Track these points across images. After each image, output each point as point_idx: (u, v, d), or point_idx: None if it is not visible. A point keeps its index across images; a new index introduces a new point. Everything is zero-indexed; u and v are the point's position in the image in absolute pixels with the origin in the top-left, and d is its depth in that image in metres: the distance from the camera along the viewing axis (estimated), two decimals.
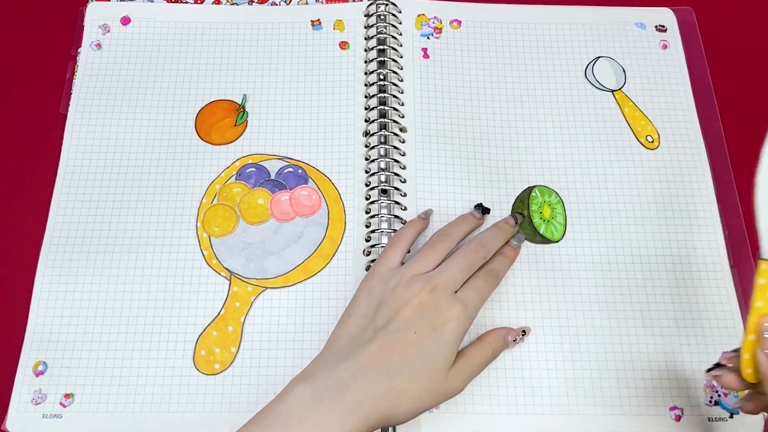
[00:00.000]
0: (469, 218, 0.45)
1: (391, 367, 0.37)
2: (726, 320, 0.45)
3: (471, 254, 0.42)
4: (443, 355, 0.38)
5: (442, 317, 0.38)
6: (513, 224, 0.45)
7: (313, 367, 0.38)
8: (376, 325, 0.38)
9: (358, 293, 0.41)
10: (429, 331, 0.38)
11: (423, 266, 0.41)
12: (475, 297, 0.40)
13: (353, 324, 0.39)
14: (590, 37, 0.55)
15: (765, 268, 0.35)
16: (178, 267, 0.46)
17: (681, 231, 0.48)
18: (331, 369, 0.37)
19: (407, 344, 0.37)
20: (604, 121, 0.52)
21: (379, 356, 0.37)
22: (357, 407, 0.35)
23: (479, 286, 0.41)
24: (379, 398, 0.36)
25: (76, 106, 0.51)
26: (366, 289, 0.41)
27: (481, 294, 0.41)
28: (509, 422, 0.42)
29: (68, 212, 0.48)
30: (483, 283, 0.41)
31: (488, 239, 0.43)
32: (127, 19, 0.55)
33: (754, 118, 0.54)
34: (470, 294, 0.40)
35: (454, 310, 0.38)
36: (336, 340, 0.39)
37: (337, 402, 0.35)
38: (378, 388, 0.36)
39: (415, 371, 0.37)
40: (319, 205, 0.48)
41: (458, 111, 0.51)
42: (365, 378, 0.36)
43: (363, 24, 0.54)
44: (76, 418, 0.42)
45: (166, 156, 0.50)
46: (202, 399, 0.43)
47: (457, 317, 0.38)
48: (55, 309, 0.45)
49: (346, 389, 0.36)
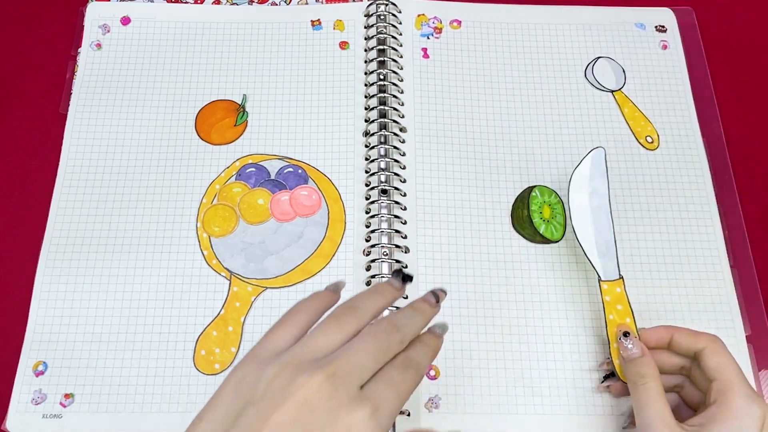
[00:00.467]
0: (386, 289, 0.33)
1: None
2: (726, 320, 0.45)
3: (382, 336, 0.30)
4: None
5: (338, 427, 0.26)
6: (433, 304, 0.33)
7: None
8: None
9: (224, 385, 0.29)
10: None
11: (318, 347, 0.29)
12: (389, 396, 0.28)
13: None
14: (590, 38, 0.55)
15: (605, 288, 0.42)
16: (178, 267, 0.46)
17: (681, 231, 0.48)
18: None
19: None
20: (603, 121, 0.52)
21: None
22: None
23: (395, 379, 0.29)
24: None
25: (76, 106, 0.51)
26: (235, 381, 0.28)
27: (398, 392, 0.29)
28: (509, 422, 0.42)
29: (68, 212, 0.48)
30: (400, 376, 0.29)
31: (403, 321, 0.31)
32: (127, 19, 0.55)
33: (754, 118, 0.54)
34: (383, 390, 0.28)
35: (357, 415, 0.26)
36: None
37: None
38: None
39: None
40: (319, 205, 0.48)
41: (458, 111, 0.51)
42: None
43: (363, 24, 0.54)
44: (76, 418, 0.42)
45: (166, 156, 0.50)
46: (203, 399, 0.42)
47: (361, 427, 0.26)
48: (55, 309, 0.45)
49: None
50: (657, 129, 0.52)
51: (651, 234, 0.48)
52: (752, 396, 0.36)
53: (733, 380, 0.36)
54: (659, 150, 0.51)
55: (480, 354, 0.44)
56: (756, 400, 0.36)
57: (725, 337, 0.44)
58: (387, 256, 0.46)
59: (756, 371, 0.44)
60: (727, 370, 0.37)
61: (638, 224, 0.48)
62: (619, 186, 0.49)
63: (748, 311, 0.46)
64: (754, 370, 0.44)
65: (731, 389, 0.36)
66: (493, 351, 0.44)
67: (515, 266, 0.46)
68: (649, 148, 0.51)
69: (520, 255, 0.47)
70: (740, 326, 0.45)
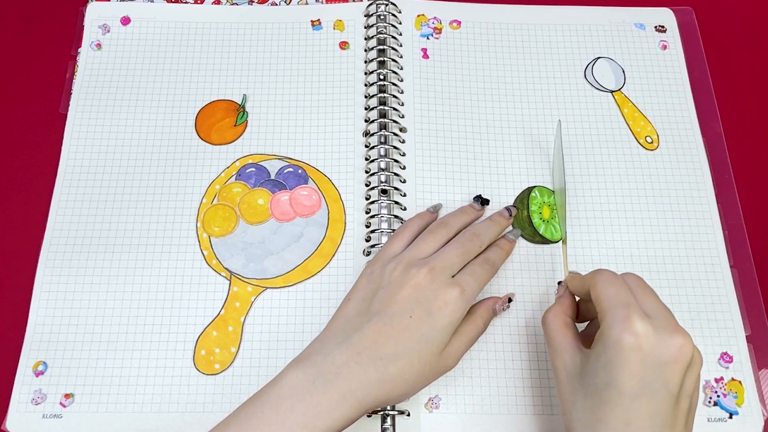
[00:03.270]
0: (469, 210, 0.46)
1: (386, 353, 0.36)
2: (726, 320, 0.45)
3: (466, 242, 0.42)
4: (438, 340, 0.38)
5: (439, 301, 0.38)
6: (507, 216, 0.46)
7: (309, 350, 0.38)
8: (373, 309, 0.38)
9: (360, 278, 0.42)
10: (425, 316, 0.38)
11: (422, 251, 0.41)
12: (472, 282, 0.40)
13: (351, 307, 0.40)
14: (590, 38, 0.55)
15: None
16: (178, 267, 0.46)
17: (680, 231, 0.48)
18: (326, 354, 0.37)
19: (402, 329, 0.37)
20: (603, 121, 0.52)
21: (374, 341, 0.37)
22: (350, 394, 0.35)
23: (476, 272, 0.41)
24: (373, 385, 0.36)
25: (76, 106, 0.51)
26: (367, 274, 0.41)
27: (478, 280, 0.41)
28: (509, 422, 0.42)
29: (68, 212, 0.48)
30: (480, 269, 0.41)
31: (482, 230, 0.43)
32: (127, 19, 0.55)
33: (754, 118, 0.54)
34: (467, 279, 0.40)
35: (452, 294, 0.38)
36: (334, 323, 0.39)
37: (330, 388, 0.35)
38: (372, 375, 0.36)
39: (410, 356, 0.37)
40: (319, 205, 0.48)
41: (458, 111, 0.51)
42: (359, 365, 0.36)
43: (363, 24, 0.54)
44: (75, 418, 0.42)
45: (166, 156, 0.50)
46: (202, 399, 0.43)
47: (454, 301, 0.38)
48: (55, 309, 0.45)
49: (339, 375, 0.35)
50: (657, 129, 0.52)
51: (651, 234, 0.48)
52: (627, 316, 0.33)
53: (603, 306, 0.35)
54: (659, 150, 0.51)
55: (480, 354, 0.44)
56: (630, 324, 0.33)
57: (725, 337, 0.45)
58: None
59: (756, 371, 0.44)
60: (603, 299, 0.35)
61: (638, 224, 0.48)
62: (618, 186, 0.49)
63: (748, 311, 0.46)
64: (754, 369, 0.44)
65: (604, 313, 0.35)
66: (493, 351, 0.44)
67: (515, 266, 0.46)
68: (649, 148, 0.51)
69: (519, 255, 0.47)
70: (740, 326, 0.45)
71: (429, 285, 0.39)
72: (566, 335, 0.38)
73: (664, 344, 0.33)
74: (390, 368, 0.36)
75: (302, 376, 0.36)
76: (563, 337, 0.38)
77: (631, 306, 0.34)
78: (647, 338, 0.33)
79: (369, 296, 0.40)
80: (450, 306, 0.38)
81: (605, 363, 0.33)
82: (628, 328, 0.33)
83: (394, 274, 0.40)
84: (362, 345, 0.37)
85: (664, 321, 0.34)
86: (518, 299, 0.45)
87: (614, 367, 0.33)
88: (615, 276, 0.37)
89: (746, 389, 0.44)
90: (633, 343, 0.33)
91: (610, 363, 0.33)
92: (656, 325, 0.33)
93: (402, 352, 0.37)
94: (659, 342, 0.33)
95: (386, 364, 0.36)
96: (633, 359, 0.33)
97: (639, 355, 0.33)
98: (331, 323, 0.40)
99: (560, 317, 0.39)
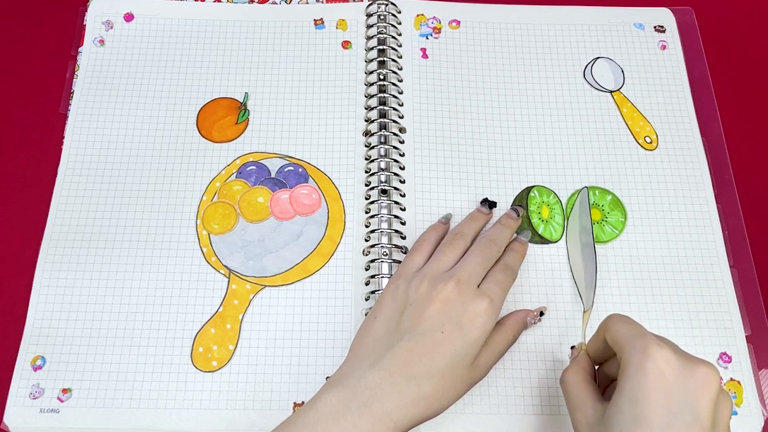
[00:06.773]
0: (478, 215, 0.46)
1: (419, 372, 0.36)
2: (725, 320, 0.45)
3: (485, 249, 0.42)
4: (470, 353, 0.38)
5: (469, 313, 0.38)
6: (516, 218, 0.46)
7: (341, 372, 0.37)
8: (402, 327, 0.38)
9: (384, 295, 0.41)
10: (456, 330, 0.37)
11: (444, 264, 0.41)
12: (498, 291, 0.40)
13: (379, 326, 0.39)
14: (589, 38, 0.55)
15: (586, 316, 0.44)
16: (177, 264, 0.46)
17: (680, 231, 0.48)
18: (359, 376, 0.36)
19: (434, 346, 0.37)
20: (602, 121, 0.52)
21: (407, 361, 0.36)
22: (385, 416, 0.35)
23: (500, 279, 0.41)
24: (408, 405, 0.35)
25: (78, 102, 0.51)
26: (391, 291, 0.41)
27: (503, 288, 0.41)
28: (509, 422, 0.42)
29: (68, 208, 0.48)
30: (502, 276, 0.41)
31: (497, 235, 0.44)
32: (130, 15, 0.55)
33: (754, 118, 0.54)
34: (493, 287, 0.40)
35: (481, 305, 0.38)
36: (362, 342, 0.39)
37: (365, 411, 0.35)
38: (406, 396, 0.35)
39: (443, 372, 0.37)
40: (319, 204, 0.48)
41: (457, 111, 0.51)
42: (392, 386, 0.35)
43: (364, 24, 0.55)
44: (73, 413, 0.42)
45: (167, 153, 0.50)
46: (199, 396, 0.43)
47: (483, 312, 0.38)
48: (54, 304, 0.45)
49: (374, 398, 0.35)
50: (656, 129, 0.52)
51: (651, 234, 0.48)
52: (646, 345, 0.32)
53: (620, 342, 0.34)
54: (658, 150, 0.51)
55: None
56: (649, 351, 0.32)
57: (725, 337, 0.45)
58: (386, 256, 0.46)
59: (756, 371, 0.44)
60: (618, 337, 0.35)
61: (638, 224, 0.48)
62: (618, 186, 0.49)
63: (748, 311, 0.46)
64: (754, 369, 0.44)
65: (621, 349, 0.34)
66: None
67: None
68: (648, 148, 0.51)
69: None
70: (740, 326, 0.45)
71: (457, 298, 0.38)
72: (586, 389, 0.36)
73: (689, 372, 0.32)
74: (424, 387, 0.36)
75: (336, 399, 0.35)
76: (583, 391, 0.36)
77: (647, 336, 0.33)
78: (669, 364, 0.32)
79: (396, 314, 0.39)
80: (480, 318, 0.38)
81: (629, 398, 0.32)
82: (649, 356, 0.32)
83: (420, 290, 0.39)
84: (394, 365, 0.36)
85: (684, 352, 0.33)
86: (518, 299, 0.45)
87: (639, 401, 0.31)
88: (626, 316, 0.36)
89: (745, 389, 0.43)
90: (654, 369, 0.31)
91: (634, 397, 0.31)
92: (677, 351, 0.33)
93: (435, 369, 0.36)
94: (683, 369, 0.32)
95: (420, 383, 0.36)
96: (657, 388, 0.31)
97: (663, 384, 0.31)
98: (358, 343, 0.39)
99: (580, 374, 0.37)
